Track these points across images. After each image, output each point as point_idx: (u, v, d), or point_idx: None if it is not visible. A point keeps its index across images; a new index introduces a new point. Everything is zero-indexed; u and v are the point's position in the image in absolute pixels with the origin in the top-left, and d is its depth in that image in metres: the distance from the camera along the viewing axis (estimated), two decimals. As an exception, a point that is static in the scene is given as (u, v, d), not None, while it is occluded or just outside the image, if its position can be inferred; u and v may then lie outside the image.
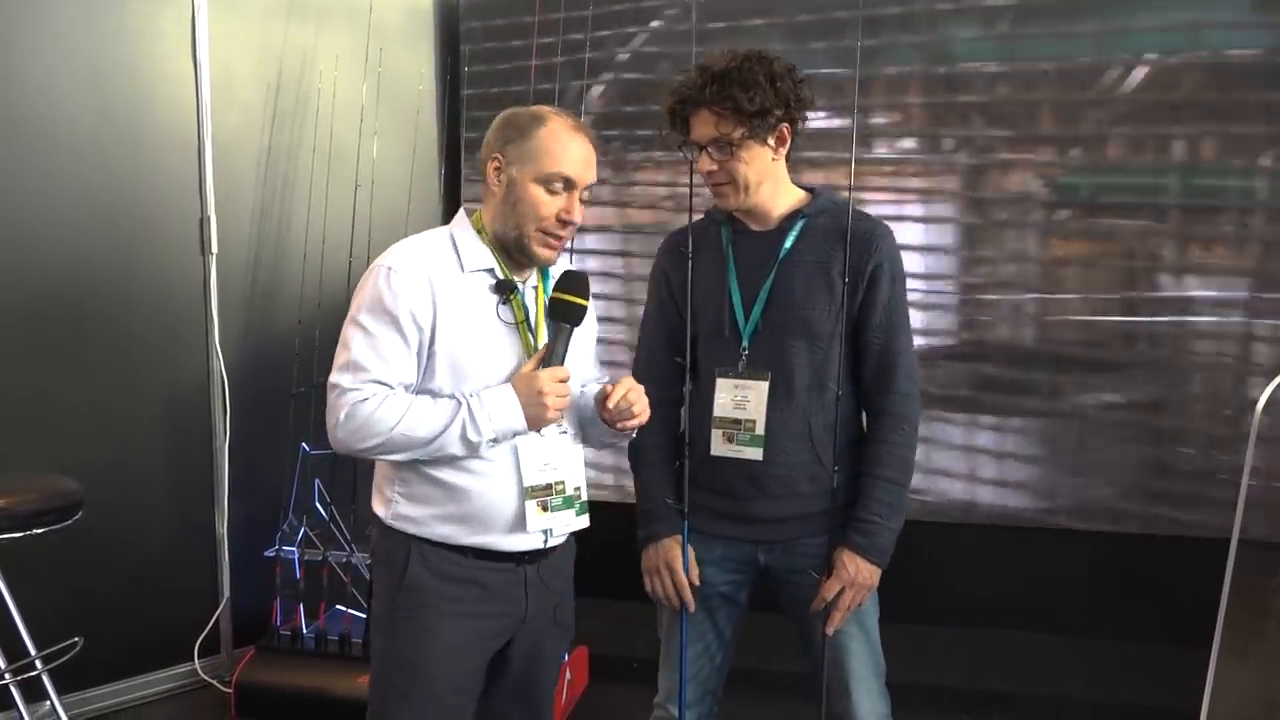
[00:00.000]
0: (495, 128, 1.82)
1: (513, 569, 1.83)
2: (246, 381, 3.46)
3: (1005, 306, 3.42)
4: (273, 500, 3.35)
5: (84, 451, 3.10)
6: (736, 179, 1.94)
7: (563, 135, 1.77)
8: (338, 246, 3.40)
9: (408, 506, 1.79)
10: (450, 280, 1.76)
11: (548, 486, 1.82)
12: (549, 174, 1.75)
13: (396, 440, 1.71)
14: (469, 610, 1.79)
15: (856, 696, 2.00)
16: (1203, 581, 2.45)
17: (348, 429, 1.71)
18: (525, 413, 1.74)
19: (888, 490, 1.96)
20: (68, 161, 3.10)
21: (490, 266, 1.80)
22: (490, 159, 1.80)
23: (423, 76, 3.72)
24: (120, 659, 3.23)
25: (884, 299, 1.97)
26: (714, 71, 1.89)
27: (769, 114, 1.89)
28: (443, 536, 1.78)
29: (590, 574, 3.14)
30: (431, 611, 1.77)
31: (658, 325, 2.13)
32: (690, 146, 1.97)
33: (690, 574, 2.03)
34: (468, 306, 1.77)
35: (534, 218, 1.77)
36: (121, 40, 3.19)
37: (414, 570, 1.77)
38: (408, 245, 1.80)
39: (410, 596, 1.77)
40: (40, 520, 2.49)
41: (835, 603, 1.94)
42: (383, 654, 1.82)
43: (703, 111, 1.91)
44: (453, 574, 1.78)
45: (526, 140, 1.77)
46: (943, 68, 3.41)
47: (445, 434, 1.71)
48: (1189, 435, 3.30)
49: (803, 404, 1.98)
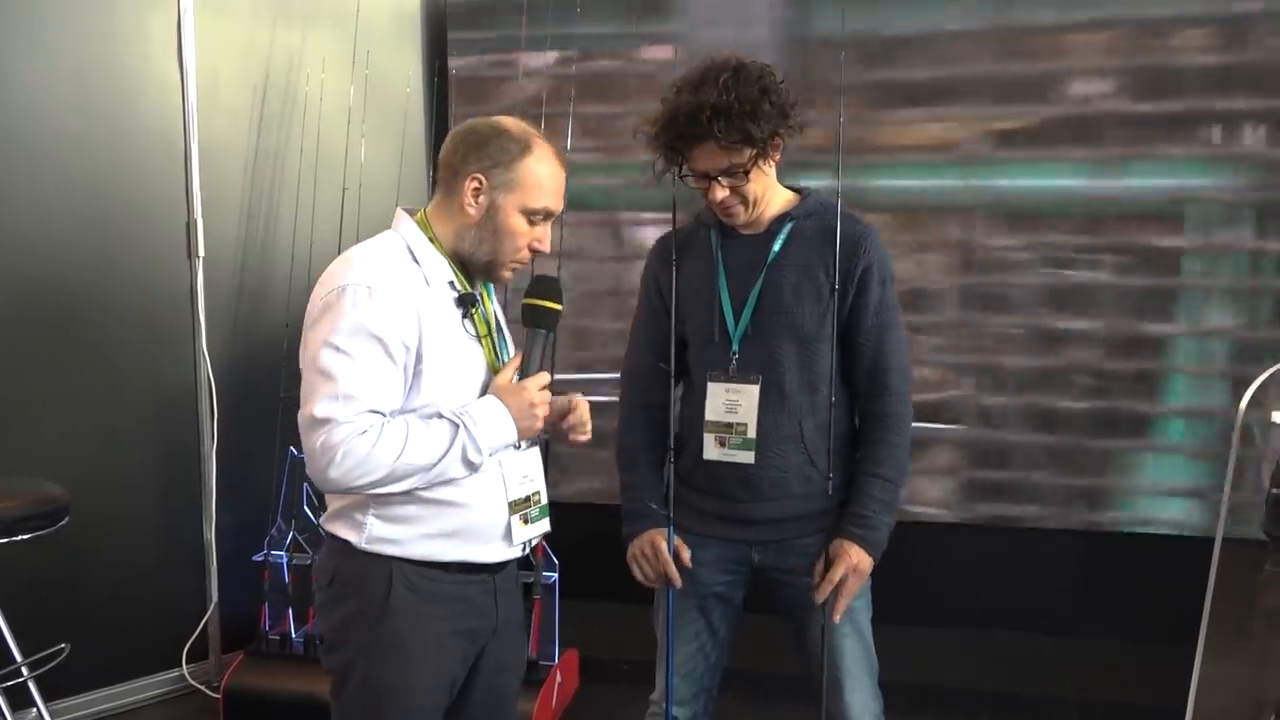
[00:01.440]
0: (471, 144, 1.73)
1: (486, 579, 1.81)
2: (234, 385, 3.45)
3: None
4: (261, 504, 3.33)
5: (70, 456, 3.08)
6: (748, 199, 1.95)
7: (548, 165, 1.74)
8: (325, 250, 3.39)
9: (385, 528, 1.71)
10: (422, 295, 1.70)
11: (526, 499, 1.81)
12: (536, 208, 1.73)
13: (399, 473, 1.63)
14: (451, 627, 1.76)
15: (849, 694, 2.00)
16: (1191, 580, 2.46)
17: (344, 467, 1.59)
18: (518, 425, 1.73)
19: (884, 489, 1.97)
20: (53, 164, 3.08)
21: (450, 279, 1.76)
22: (469, 176, 1.72)
23: (410, 79, 3.72)
24: (107, 665, 3.21)
25: (874, 301, 1.98)
26: (714, 105, 1.84)
27: (775, 133, 1.90)
28: (425, 555, 1.72)
29: (580, 577, 3.19)
30: (415, 632, 1.72)
31: (646, 329, 2.13)
32: (695, 176, 1.95)
33: (681, 556, 2.02)
34: (440, 322, 1.72)
35: (513, 248, 1.74)
36: (107, 43, 3.18)
37: (397, 593, 1.70)
38: (373, 260, 1.70)
39: (394, 621, 1.70)
40: (26, 526, 2.47)
41: (840, 589, 1.93)
42: (359, 680, 1.72)
43: (708, 144, 1.87)
44: (433, 591, 1.73)
45: (514, 168, 1.71)
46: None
47: (446, 458, 1.65)
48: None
49: (794, 406, 1.98)
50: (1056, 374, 3.41)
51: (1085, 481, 3.41)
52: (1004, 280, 3.44)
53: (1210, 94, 3.21)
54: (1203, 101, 3.22)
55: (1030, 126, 3.35)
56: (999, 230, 3.42)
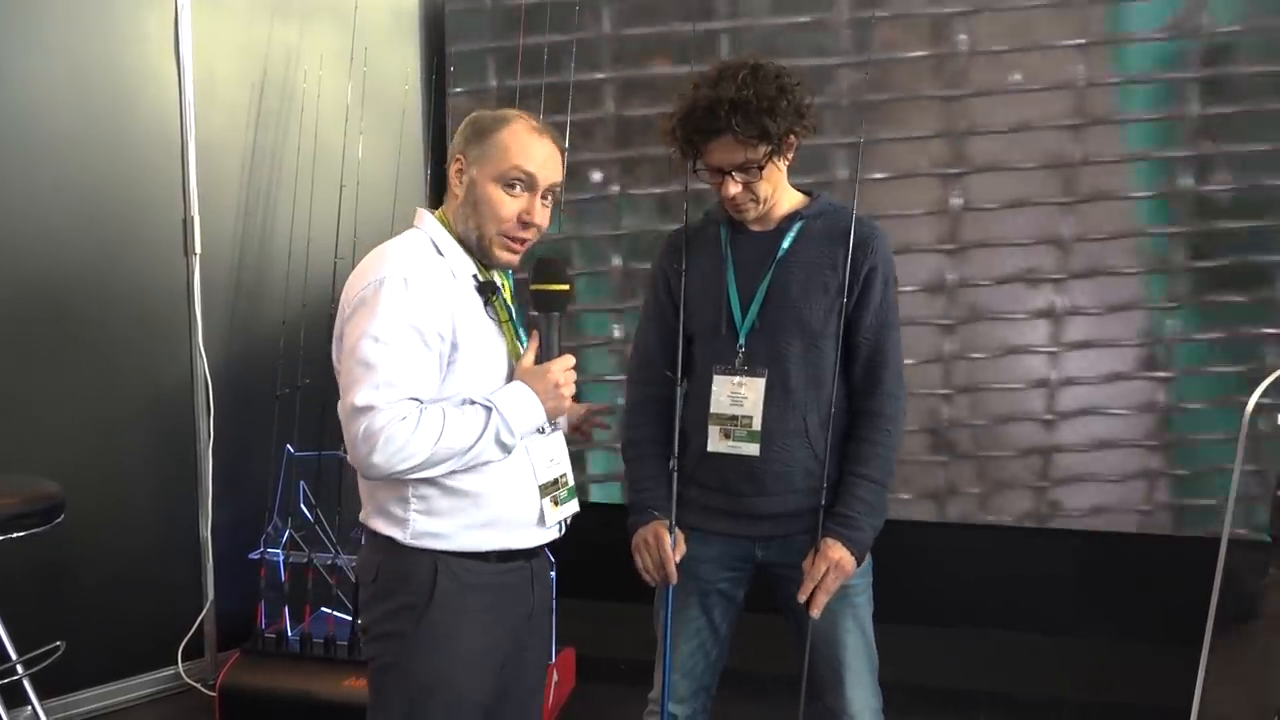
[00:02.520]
0: (461, 132, 1.80)
1: (524, 565, 1.83)
2: (230, 383, 3.44)
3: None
4: (257, 502, 3.33)
5: (66, 454, 3.08)
6: (759, 196, 1.97)
7: (523, 134, 1.76)
8: (323, 247, 3.39)
9: (429, 522, 1.74)
10: (451, 286, 1.74)
11: (554, 481, 1.84)
12: (506, 170, 1.74)
13: (439, 455, 1.66)
14: (496, 616, 1.79)
15: (850, 689, 2.01)
16: (1194, 581, 2.46)
17: (388, 452, 1.62)
18: (545, 406, 1.75)
19: (869, 489, 1.98)
20: (50, 162, 3.08)
21: (473, 271, 1.80)
22: (453, 160, 1.79)
23: (408, 77, 3.71)
24: (103, 663, 3.20)
25: (876, 301, 2.00)
26: (732, 100, 1.87)
27: (791, 131, 1.92)
28: (469, 546, 1.75)
29: (578, 575, 3.18)
30: (460, 624, 1.74)
31: (653, 325, 2.16)
32: (710, 170, 1.97)
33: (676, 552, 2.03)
34: (468, 312, 1.75)
35: (494, 218, 1.75)
36: (104, 40, 3.17)
37: (443, 586, 1.73)
38: (406, 253, 1.74)
39: (441, 614, 1.73)
40: (21, 523, 2.46)
41: (821, 584, 1.94)
42: (402, 673, 1.75)
43: (725, 138, 1.90)
44: (477, 582, 1.76)
45: (487, 140, 1.75)
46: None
47: (481, 440, 1.68)
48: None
49: (799, 401, 2.00)
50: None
51: (1086, 480, 3.41)
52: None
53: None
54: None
55: None
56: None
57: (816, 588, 1.94)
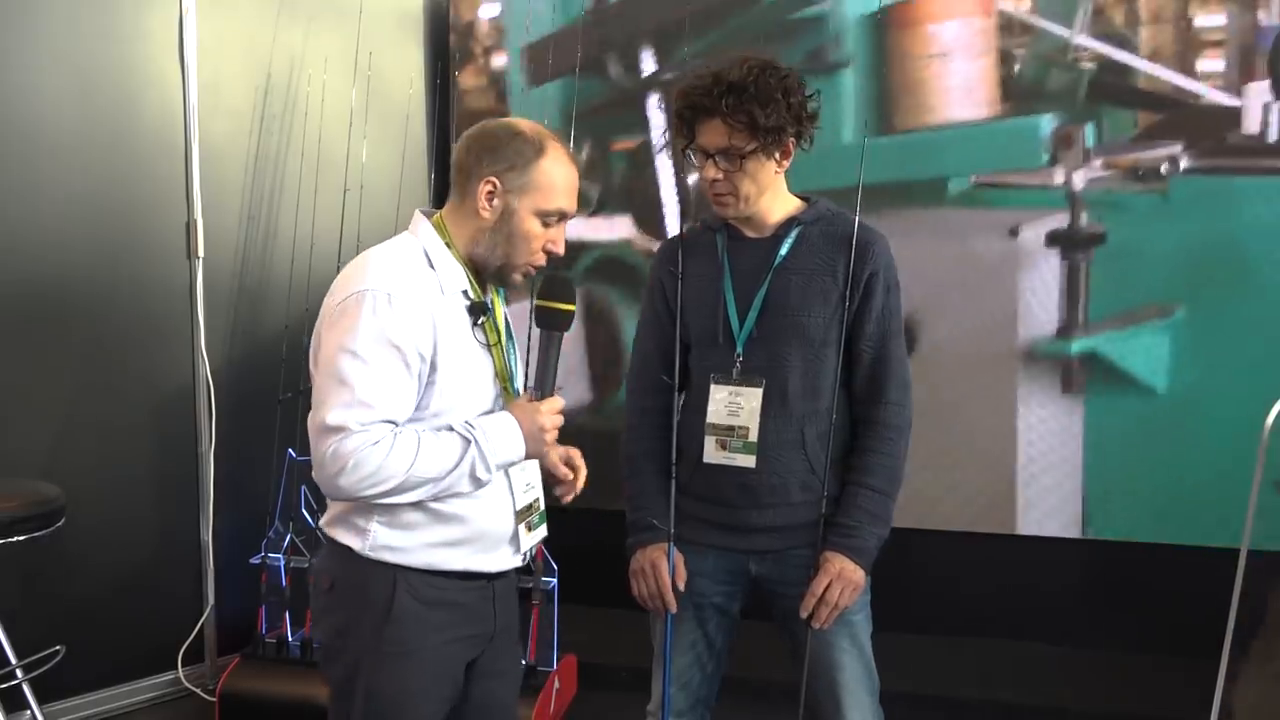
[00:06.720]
0: (485, 146, 1.72)
1: (485, 586, 1.79)
2: (232, 387, 3.44)
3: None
4: (258, 507, 3.32)
5: (66, 457, 3.07)
6: (738, 191, 1.93)
7: (564, 168, 1.73)
8: (326, 252, 3.38)
9: (390, 535, 1.69)
10: (437, 303, 1.69)
11: (529, 507, 1.81)
12: (551, 210, 1.72)
13: (410, 483, 1.61)
14: (452, 635, 1.75)
15: (848, 711, 1.97)
16: (1200, 592, 2.44)
17: (354, 477, 1.58)
18: (527, 447, 1.72)
19: (872, 499, 1.95)
20: (53, 164, 3.07)
21: (464, 287, 1.74)
22: (483, 180, 1.70)
23: (412, 80, 3.71)
24: (103, 667, 3.19)
25: (878, 308, 1.96)
26: (730, 81, 1.85)
27: (782, 131, 1.89)
28: (429, 563, 1.71)
29: (578, 582, 3.18)
30: (419, 639, 1.71)
31: (651, 335, 2.12)
32: (697, 151, 1.94)
33: (676, 579, 2.01)
34: (453, 330, 1.70)
35: (528, 251, 1.73)
36: (108, 42, 3.17)
37: (401, 600, 1.69)
38: (390, 266, 1.68)
39: (397, 628, 1.69)
40: (21, 527, 2.46)
41: (824, 598, 1.91)
42: (362, 689, 1.70)
43: (715, 120, 1.88)
44: (435, 598, 1.72)
45: (529, 170, 1.69)
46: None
47: (455, 472, 1.64)
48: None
49: (797, 412, 1.96)
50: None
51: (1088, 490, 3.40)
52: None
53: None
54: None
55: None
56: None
57: (818, 602, 1.91)
